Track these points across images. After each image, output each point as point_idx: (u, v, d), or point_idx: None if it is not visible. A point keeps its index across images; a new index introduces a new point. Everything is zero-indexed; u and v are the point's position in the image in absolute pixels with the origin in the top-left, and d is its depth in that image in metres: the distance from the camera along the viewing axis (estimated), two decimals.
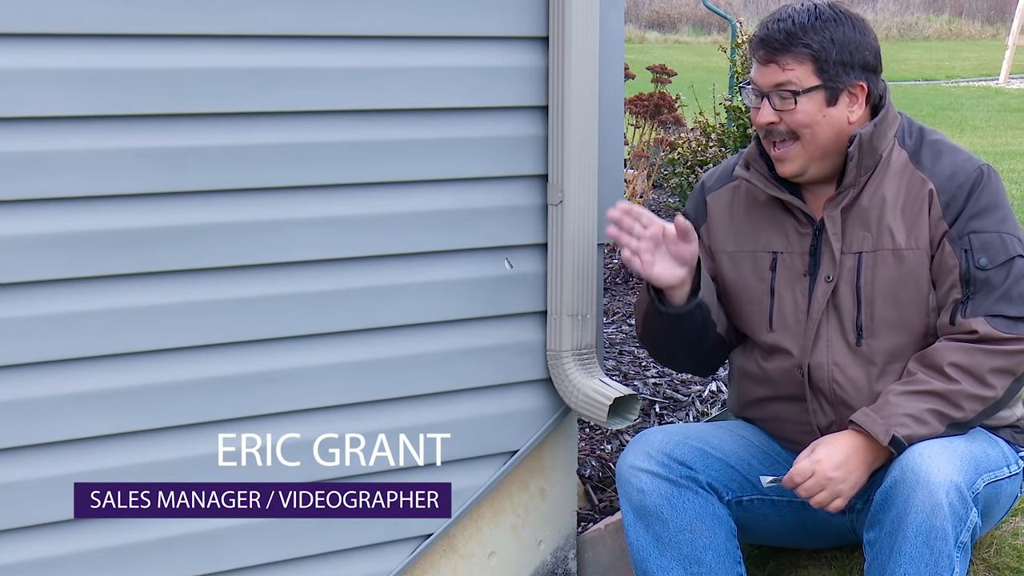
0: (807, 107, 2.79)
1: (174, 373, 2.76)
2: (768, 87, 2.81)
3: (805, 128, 2.80)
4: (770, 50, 2.80)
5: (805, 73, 2.79)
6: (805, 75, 2.79)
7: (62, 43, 2.57)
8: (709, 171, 3.14)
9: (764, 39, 2.81)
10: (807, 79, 2.79)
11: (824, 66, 2.79)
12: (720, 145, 6.85)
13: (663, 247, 2.85)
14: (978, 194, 2.79)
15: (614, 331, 4.74)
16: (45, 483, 2.69)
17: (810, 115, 2.80)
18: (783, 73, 2.79)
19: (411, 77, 2.90)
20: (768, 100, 2.81)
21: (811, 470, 2.70)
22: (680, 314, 2.90)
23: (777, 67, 2.79)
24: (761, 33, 2.83)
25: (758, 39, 2.83)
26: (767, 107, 2.81)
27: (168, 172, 2.69)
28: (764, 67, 2.81)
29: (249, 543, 2.90)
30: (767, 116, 2.81)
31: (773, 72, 2.80)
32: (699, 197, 3.08)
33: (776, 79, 2.80)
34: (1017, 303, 2.75)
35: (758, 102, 2.83)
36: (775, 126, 2.81)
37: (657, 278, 2.85)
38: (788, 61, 2.78)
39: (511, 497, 3.25)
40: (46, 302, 2.63)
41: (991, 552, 3.10)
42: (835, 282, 2.85)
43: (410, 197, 2.95)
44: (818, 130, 2.80)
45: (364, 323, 2.94)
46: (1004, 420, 2.88)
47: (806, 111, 2.79)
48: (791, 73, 2.78)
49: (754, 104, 2.85)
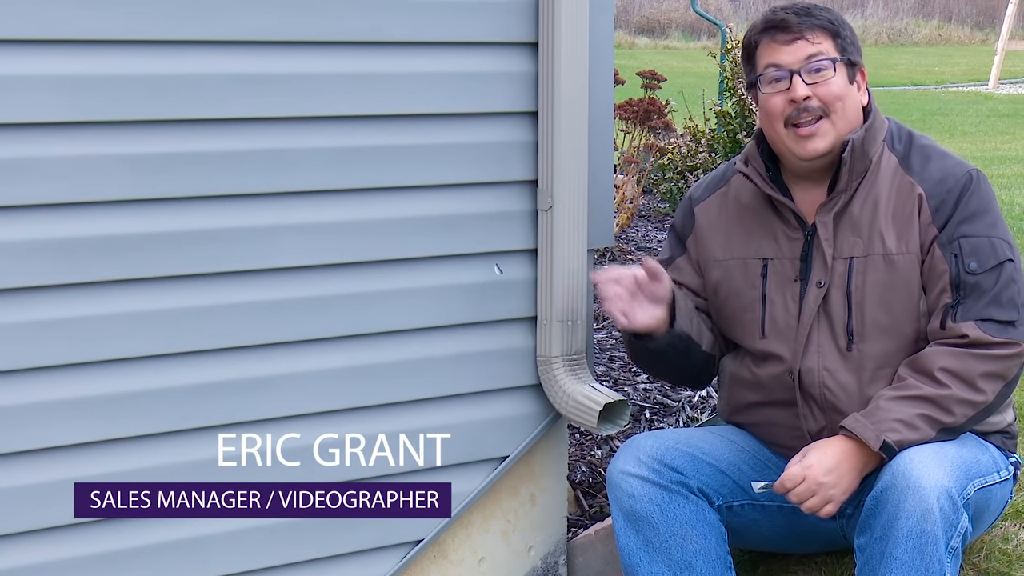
0: (840, 79, 2.81)
1: (164, 379, 2.76)
2: (798, 63, 2.80)
3: (838, 101, 2.80)
4: (795, 27, 2.80)
5: (830, 47, 2.82)
6: (831, 48, 2.82)
7: (47, 49, 2.56)
8: (696, 183, 3.13)
9: (783, 20, 2.81)
10: (833, 52, 2.82)
11: (843, 43, 2.83)
12: (710, 150, 6.86)
13: (638, 294, 2.86)
14: (967, 199, 2.79)
15: (604, 336, 4.74)
16: (40, 488, 2.69)
17: (842, 87, 2.81)
18: (812, 46, 2.80)
19: (400, 82, 2.90)
20: (799, 76, 2.80)
21: (802, 475, 2.69)
22: (660, 346, 2.93)
23: (806, 41, 2.80)
24: (773, 20, 2.83)
25: (772, 24, 2.83)
26: (799, 83, 2.79)
27: (155, 178, 2.68)
28: (789, 45, 2.80)
29: (236, 550, 2.90)
30: (803, 89, 2.79)
31: (802, 47, 2.80)
32: (687, 208, 3.08)
33: (807, 51, 2.80)
34: (1007, 307, 2.76)
35: (783, 84, 2.81)
36: (809, 102, 2.79)
37: (642, 327, 2.87)
38: (816, 34, 2.80)
39: (501, 503, 3.24)
40: (36, 308, 2.62)
41: (981, 557, 3.10)
42: (826, 287, 2.84)
43: (400, 203, 2.94)
44: (848, 104, 2.82)
45: (353, 329, 2.94)
46: (995, 425, 2.88)
47: (839, 83, 2.81)
48: (820, 45, 2.80)
49: (775, 88, 2.82)
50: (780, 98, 2.81)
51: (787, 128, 2.82)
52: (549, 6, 2.97)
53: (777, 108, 2.81)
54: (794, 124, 2.81)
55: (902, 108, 14.16)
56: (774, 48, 2.82)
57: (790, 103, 2.80)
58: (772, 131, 2.86)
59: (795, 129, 2.81)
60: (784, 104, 2.80)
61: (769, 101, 2.83)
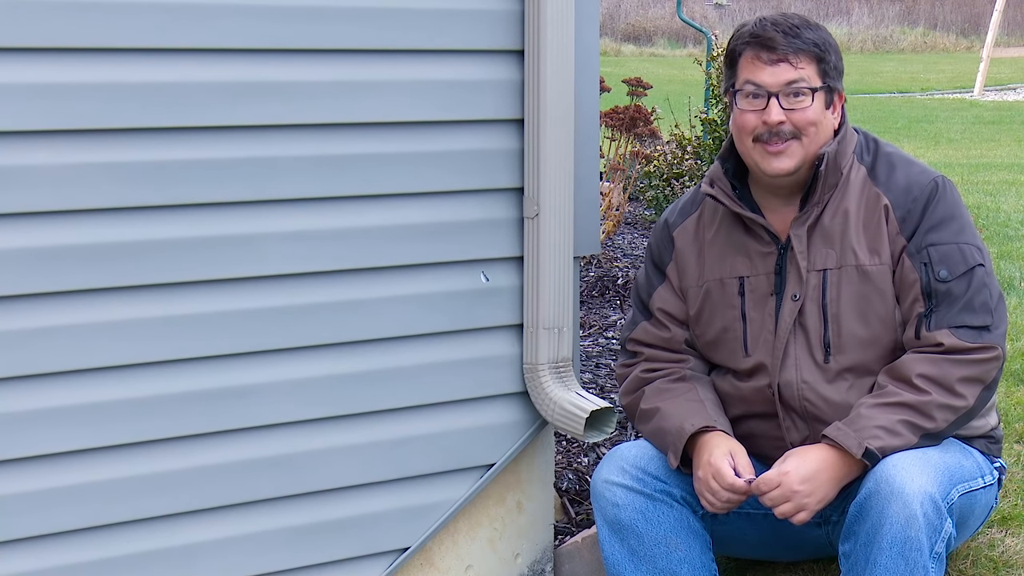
0: (817, 105, 2.80)
1: (147, 388, 2.75)
2: (778, 86, 2.78)
3: (812, 127, 2.79)
4: (780, 49, 2.77)
5: (813, 73, 2.79)
6: (813, 75, 2.79)
7: (30, 57, 2.56)
8: (669, 207, 3.11)
9: (770, 39, 2.78)
10: (814, 79, 2.79)
11: (827, 68, 2.80)
12: (696, 158, 6.87)
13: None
14: (934, 207, 2.79)
15: (590, 344, 4.74)
16: (27, 497, 2.68)
17: (818, 113, 2.80)
18: (795, 71, 2.77)
19: (385, 90, 2.90)
20: (776, 100, 2.79)
21: (777, 481, 2.69)
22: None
23: (789, 65, 2.77)
24: (761, 35, 2.79)
25: (758, 39, 2.79)
26: (775, 107, 2.78)
27: (139, 186, 2.68)
28: (772, 66, 2.77)
29: (224, 558, 2.89)
30: (777, 115, 2.77)
31: (784, 71, 2.78)
32: (664, 234, 3.05)
33: (789, 77, 2.77)
34: (980, 312, 2.76)
35: (759, 104, 2.79)
36: (782, 126, 2.79)
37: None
38: (800, 59, 2.77)
39: (488, 510, 3.24)
40: (20, 316, 2.62)
41: (967, 563, 3.10)
42: (801, 300, 2.84)
43: (385, 210, 2.94)
44: (820, 130, 2.81)
45: (339, 337, 2.94)
46: (978, 430, 2.89)
47: (815, 109, 2.79)
48: (803, 71, 2.78)
49: (751, 106, 2.80)
50: (754, 116, 2.80)
51: (755, 143, 2.81)
52: (535, 14, 2.97)
53: (749, 124, 2.80)
54: (765, 141, 2.81)
55: (887, 115, 14.19)
56: (757, 65, 2.80)
57: (763, 123, 2.79)
58: (741, 144, 2.85)
59: (764, 145, 2.81)
60: (757, 122, 2.79)
61: (742, 116, 2.81)
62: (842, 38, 27.50)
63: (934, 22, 30.54)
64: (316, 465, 2.96)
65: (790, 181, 2.84)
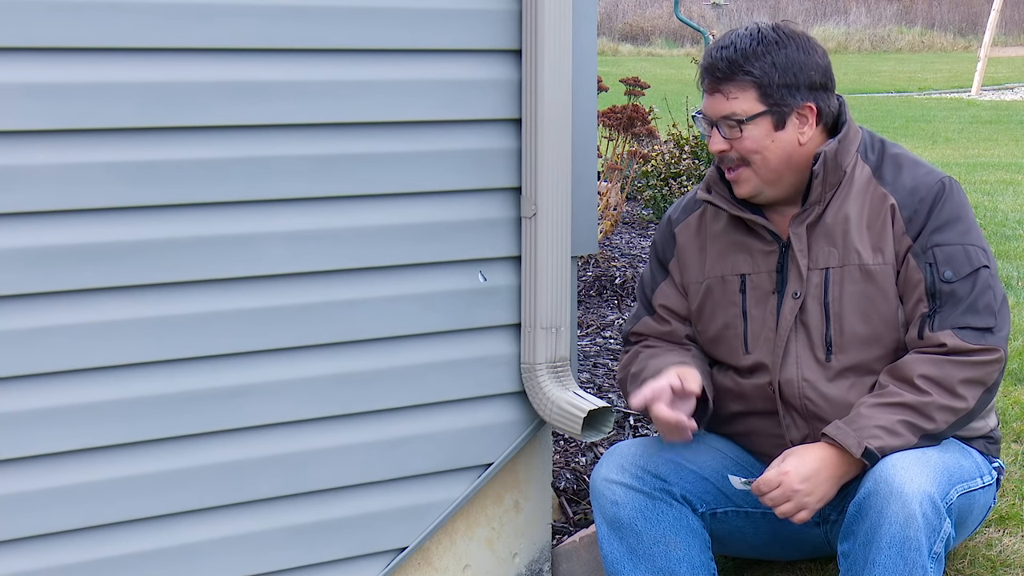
0: (754, 134, 2.80)
1: (144, 388, 2.75)
2: (715, 116, 2.82)
3: (755, 154, 2.81)
4: (714, 79, 2.81)
5: (749, 100, 2.79)
6: (749, 102, 2.79)
7: (28, 57, 2.56)
8: (674, 204, 3.14)
9: (708, 68, 2.82)
10: (752, 106, 2.79)
11: (768, 91, 2.79)
12: (693, 157, 6.87)
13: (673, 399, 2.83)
14: (940, 207, 2.80)
15: (588, 343, 4.74)
16: (24, 497, 2.68)
17: (758, 141, 2.81)
18: (728, 103, 2.80)
19: (383, 90, 2.90)
20: (717, 129, 2.82)
21: (777, 480, 2.70)
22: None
23: (722, 96, 2.81)
24: (705, 62, 2.84)
25: (702, 68, 2.84)
26: (717, 136, 2.83)
27: (137, 186, 2.68)
28: (711, 97, 2.83)
29: (221, 558, 2.89)
30: (717, 145, 2.83)
31: (719, 102, 2.81)
32: (667, 231, 3.08)
33: (722, 109, 2.81)
34: (984, 314, 2.76)
35: (709, 130, 2.85)
36: (726, 153, 2.83)
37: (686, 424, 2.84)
38: (732, 90, 2.79)
39: (485, 510, 3.24)
40: (17, 316, 2.61)
41: (965, 563, 3.10)
42: (802, 298, 2.85)
43: (382, 210, 2.94)
44: (768, 155, 2.81)
45: (337, 336, 2.94)
46: (977, 431, 2.89)
47: (753, 138, 2.80)
48: (735, 103, 2.79)
49: (706, 132, 2.87)
50: (708, 142, 2.86)
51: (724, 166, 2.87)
52: (532, 14, 2.97)
53: (709, 149, 2.87)
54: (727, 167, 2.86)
55: (885, 115, 14.19)
56: (704, 93, 2.85)
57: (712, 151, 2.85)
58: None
59: (726, 171, 2.86)
60: (712, 149, 2.85)
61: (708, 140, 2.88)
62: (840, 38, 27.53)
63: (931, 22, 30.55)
64: (314, 465, 2.96)
65: (776, 195, 2.86)
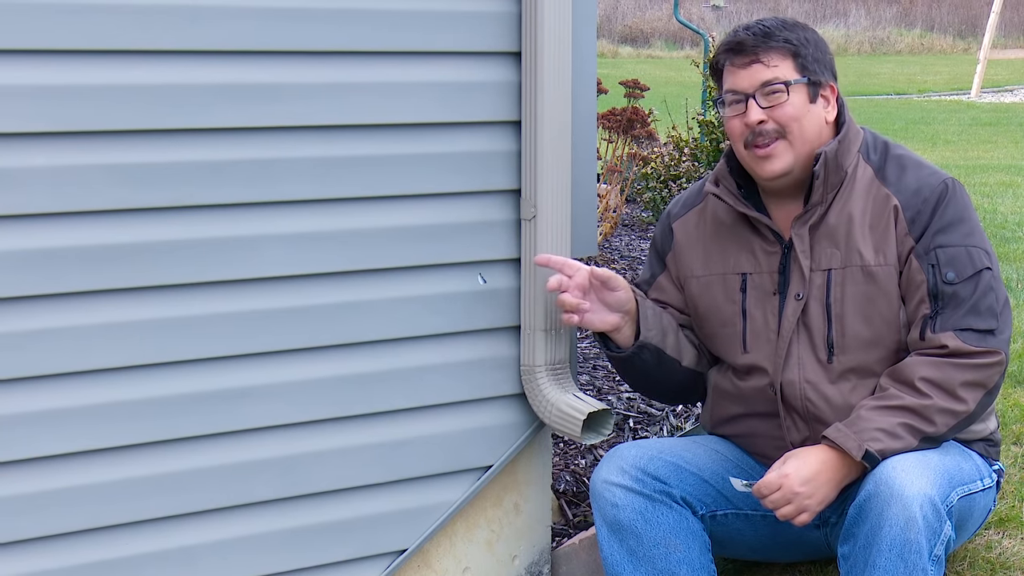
0: (796, 100, 2.80)
1: (145, 390, 2.75)
2: (753, 87, 2.80)
3: (794, 122, 2.80)
4: (749, 51, 2.80)
5: (788, 68, 2.80)
6: (789, 70, 2.80)
7: (28, 59, 2.56)
8: (675, 198, 3.14)
9: (740, 43, 2.82)
10: (791, 73, 2.80)
11: (804, 61, 2.81)
12: (693, 159, 6.87)
13: (592, 295, 2.91)
14: (943, 208, 2.80)
15: (588, 346, 4.74)
16: (24, 499, 2.67)
17: (799, 108, 2.80)
18: (768, 70, 2.80)
19: (383, 92, 2.90)
20: (754, 100, 2.80)
21: (778, 483, 2.70)
22: (626, 356, 2.97)
23: (762, 65, 2.80)
24: (732, 41, 2.84)
25: (730, 46, 2.83)
26: (754, 107, 2.80)
27: (137, 188, 2.68)
28: (745, 69, 2.81)
29: (223, 559, 2.89)
30: (756, 115, 2.79)
31: (757, 71, 2.80)
32: (665, 225, 3.09)
33: (762, 76, 2.80)
34: (986, 316, 2.76)
35: (740, 108, 2.82)
36: (764, 125, 2.80)
37: (589, 324, 2.94)
38: (772, 57, 2.80)
39: (485, 512, 3.24)
40: (17, 318, 2.61)
41: (965, 565, 3.10)
42: (805, 300, 2.85)
43: (383, 212, 2.94)
44: (806, 124, 2.81)
45: (337, 339, 2.93)
46: (978, 433, 2.89)
47: (795, 104, 2.80)
48: (776, 69, 2.80)
49: (734, 112, 2.83)
50: (738, 121, 2.83)
51: (748, 149, 2.84)
52: (532, 16, 2.97)
53: (736, 131, 2.84)
54: (754, 145, 2.82)
55: (884, 117, 14.20)
56: (733, 72, 2.84)
57: (747, 126, 2.81)
58: (737, 152, 2.88)
59: (754, 149, 2.83)
60: (742, 127, 2.82)
61: (729, 124, 2.85)
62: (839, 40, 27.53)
63: (931, 24, 30.57)
64: (314, 467, 2.96)
65: (792, 181, 2.85)
